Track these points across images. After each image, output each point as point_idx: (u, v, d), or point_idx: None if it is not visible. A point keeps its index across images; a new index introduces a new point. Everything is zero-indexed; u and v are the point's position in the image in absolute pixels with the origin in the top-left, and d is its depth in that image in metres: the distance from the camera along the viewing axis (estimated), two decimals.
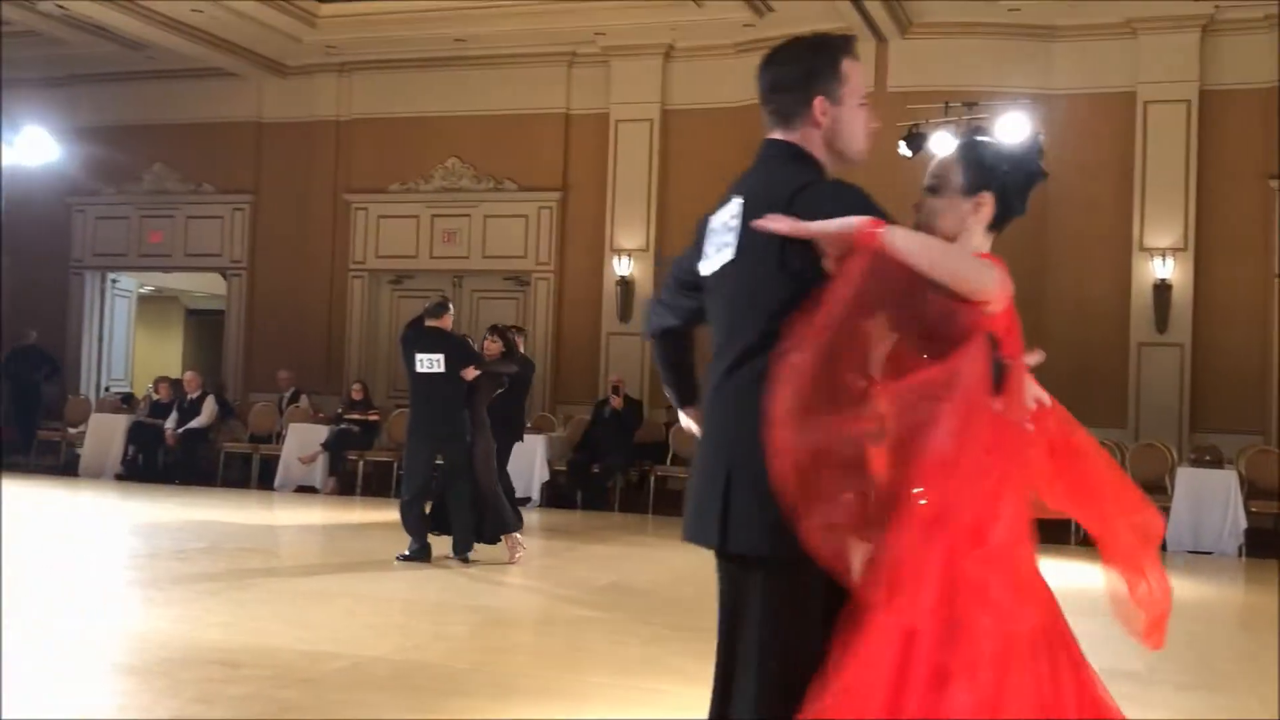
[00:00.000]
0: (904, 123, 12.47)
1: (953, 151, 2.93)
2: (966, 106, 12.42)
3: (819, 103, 2.66)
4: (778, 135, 2.72)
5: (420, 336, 8.68)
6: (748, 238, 2.58)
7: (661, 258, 15.07)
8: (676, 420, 13.61)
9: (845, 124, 2.70)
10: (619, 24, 14.35)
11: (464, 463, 8.55)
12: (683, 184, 15.11)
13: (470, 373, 8.57)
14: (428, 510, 8.68)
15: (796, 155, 2.68)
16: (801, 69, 2.69)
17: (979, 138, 3.03)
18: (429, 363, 8.54)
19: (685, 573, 9.21)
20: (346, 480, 13.64)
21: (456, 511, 8.53)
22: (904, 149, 12.31)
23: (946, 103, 12.40)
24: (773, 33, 14.21)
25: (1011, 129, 12.17)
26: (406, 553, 8.47)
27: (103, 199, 17.48)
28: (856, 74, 2.72)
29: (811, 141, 2.68)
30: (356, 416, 13.96)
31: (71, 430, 15.25)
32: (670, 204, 15.14)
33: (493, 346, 9.28)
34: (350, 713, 4.62)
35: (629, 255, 15.06)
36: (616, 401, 13.09)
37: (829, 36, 2.74)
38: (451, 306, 9.21)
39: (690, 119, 15.08)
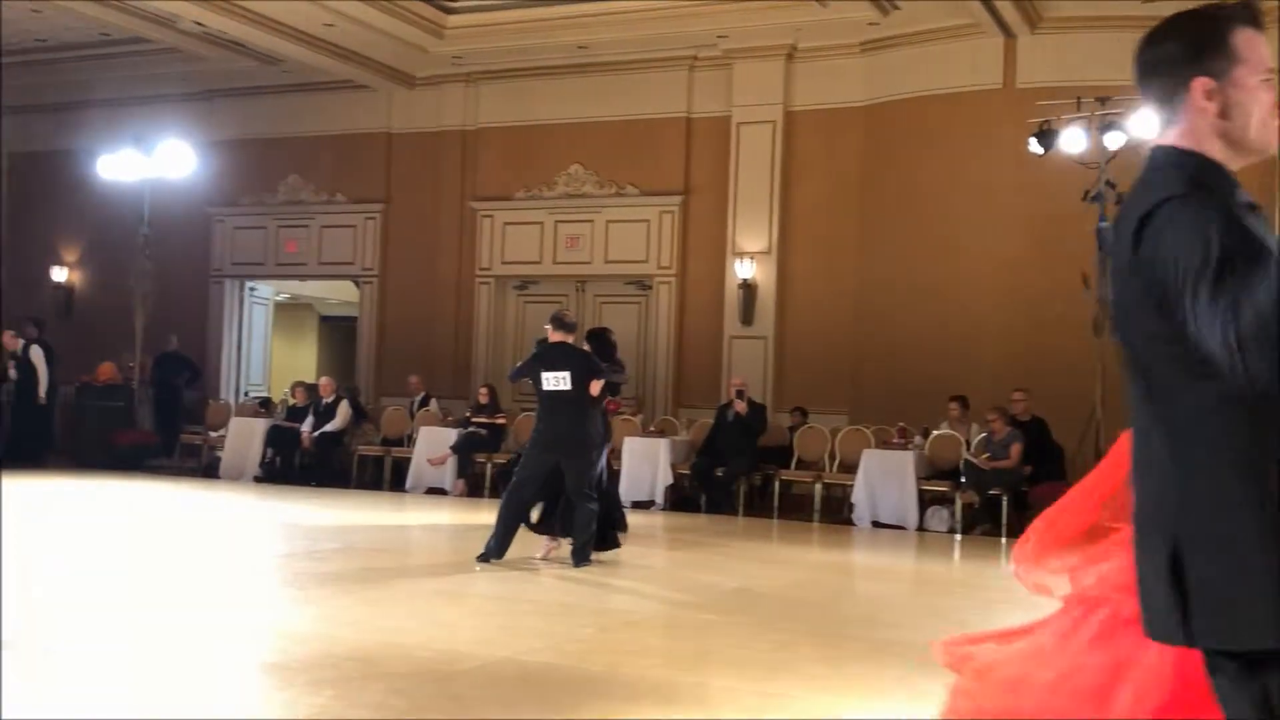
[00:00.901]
0: (1034, 120, 12.19)
1: None
2: (1099, 102, 12.10)
3: (1200, 85, 2.16)
4: (1161, 138, 2.24)
5: (547, 353, 8.75)
6: (1122, 264, 2.15)
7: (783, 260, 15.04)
8: (801, 424, 13.56)
9: (1240, 108, 2.17)
10: (741, 26, 14.33)
11: (587, 477, 8.58)
12: (806, 186, 15.03)
13: (596, 387, 8.64)
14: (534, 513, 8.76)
15: (1170, 162, 2.17)
16: (1176, 45, 2.20)
17: None
18: (555, 380, 8.60)
19: (812, 577, 9.16)
20: (475, 482, 13.86)
21: (581, 527, 8.56)
22: (1035, 147, 12.04)
23: (1079, 99, 12.09)
24: (898, 31, 14.08)
25: (1147, 126, 11.81)
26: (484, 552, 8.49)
27: (240, 209, 18.08)
28: (1255, 46, 2.19)
29: (1199, 136, 2.18)
30: (484, 420, 14.17)
31: (212, 434, 15.77)
32: (793, 206, 15.06)
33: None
34: (484, 713, 4.69)
35: (751, 258, 15.02)
36: (740, 405, 13.04)
37: (1219, 4, 2.26)
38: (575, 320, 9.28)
39: (813, 120, 14.99)
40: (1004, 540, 11.49)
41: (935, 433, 12.75)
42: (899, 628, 6.87)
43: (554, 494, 8.70)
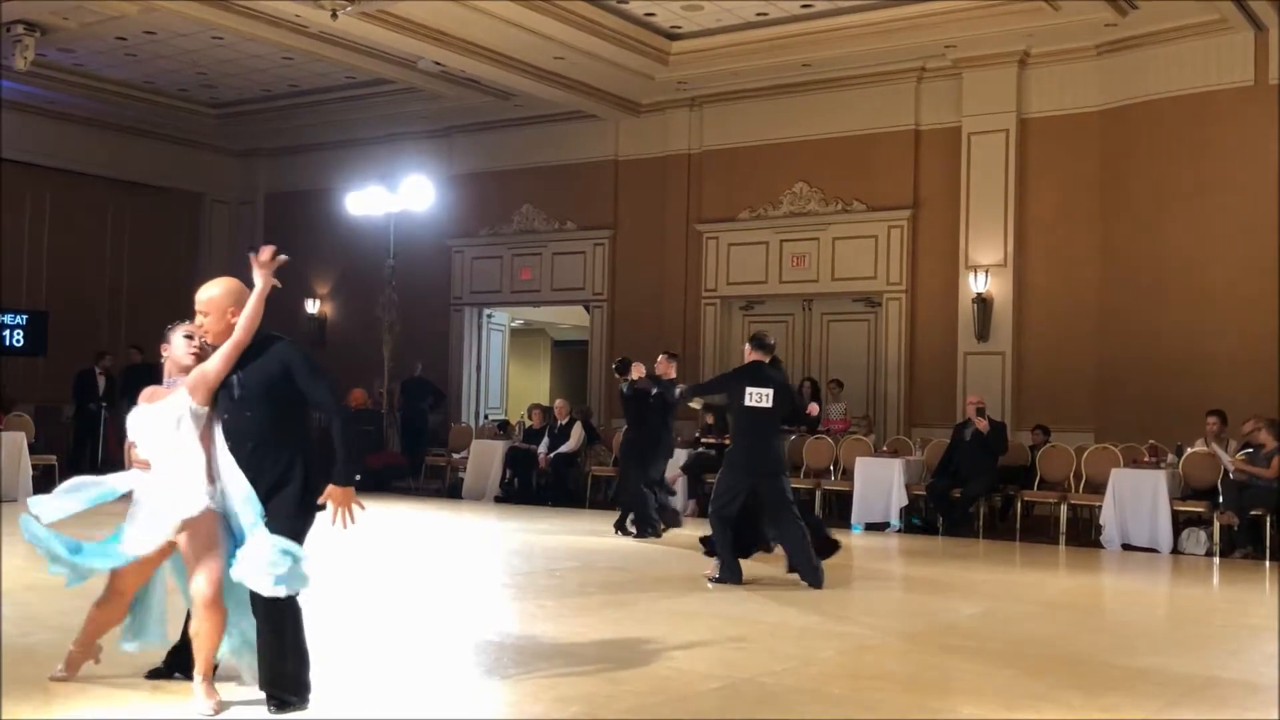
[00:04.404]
0: None
1: None
2: None
3: None
4: None
5: (750, 370, 8.76)
6: None
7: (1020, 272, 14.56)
8: (1043, 443, 13.08)
9: None
10: (970, 35, 13.98)
11: (786, 495, 8.55)
12: (1042, 195, 14.54)
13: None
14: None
15: None
16: None
17: None
18: (759, 396, 8.59)
19: (1060, 602, 8.80)
20: (706, 502, 13.87)
21: (797, 547, 8.51)
22: None
23: None
24: (1137, 31, 13.49)
25: None
26: (717, 575, 8.56)
27: (478, 240, 18.78)
28: None
29: None
30: (713, 440, 14.22)
31: (455, 455, 16.39)
32: (1029, 216, 14.59)
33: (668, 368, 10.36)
34: None
35: (985, 271, 14.60)
36: (981, 424, 12.64)
37: None
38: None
39: (1048, 126, 14.50)
40: (1268, 564, 10.77)
41: (1190, 450, 12.05)
42: (1158, 656, 6.52)
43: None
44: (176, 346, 4.99)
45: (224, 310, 4.85)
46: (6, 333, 17.26)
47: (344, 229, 18.82)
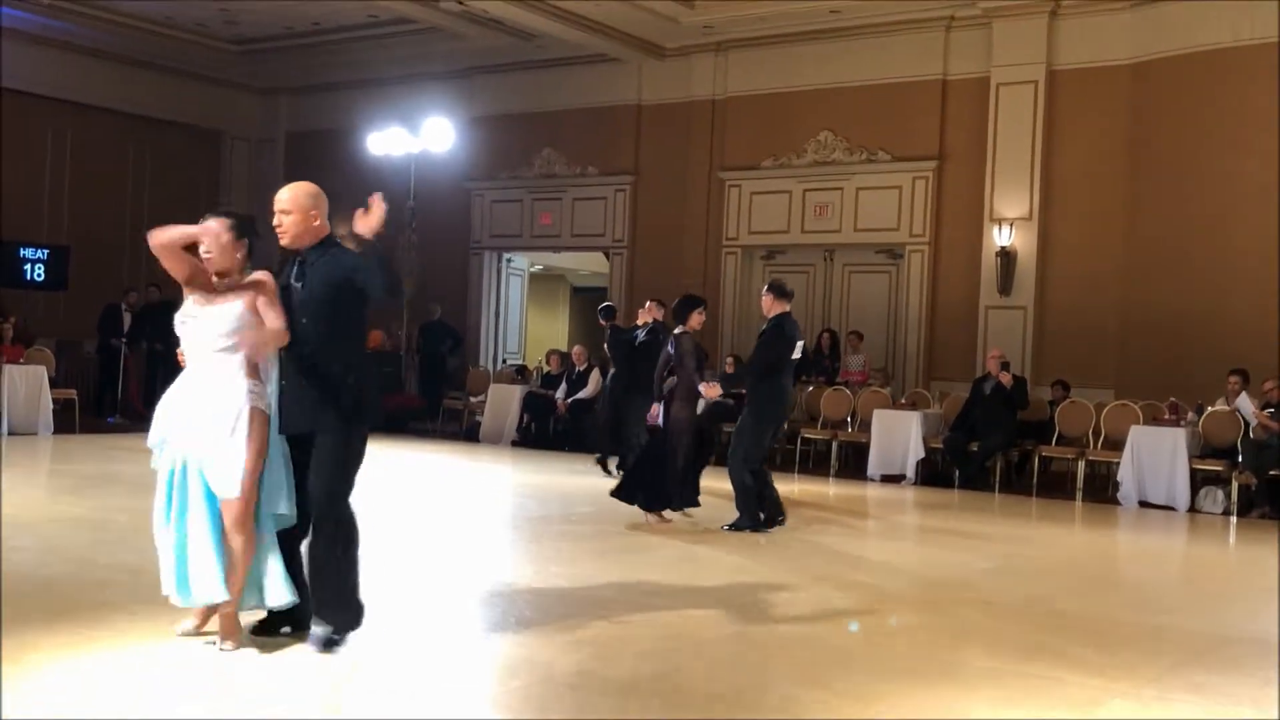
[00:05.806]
0: None
1: None
2: None
3: None
4: None
5: (794, 322, 8.80)
6: None
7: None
8: (1063, 398, 13.00)
9: None
10: None
11: None
12: (1070, 148, 14.35)
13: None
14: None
15: None
16: None
17: None
18: (799, 349, 8.79)
19: (1075, 558, 8.79)
20: (724, 451, 13.86)
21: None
22: None
23: None
24: None
25: None
26: (730, 523, 8.74)
27: (498, 183, 18.67)
28: None
29: None
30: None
31: (473, 399, 16.41)
32: (1056, 169, 14.41)
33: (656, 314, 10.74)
34: (740, 679, 4.71)
35: (1010, 225, 14.46)
36: (1005, 378, 12.56)
37: None
38: None
39: (1079, 79, 14.28)
40: None
41: (1210, 409, 11.97)
42: (1173, 613, 6.51)
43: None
44: (206, 240, 4.70)
45: (307, 211, 4.77)
46: (28, 267, 17.31)
47: (364, 169, 18.68)
